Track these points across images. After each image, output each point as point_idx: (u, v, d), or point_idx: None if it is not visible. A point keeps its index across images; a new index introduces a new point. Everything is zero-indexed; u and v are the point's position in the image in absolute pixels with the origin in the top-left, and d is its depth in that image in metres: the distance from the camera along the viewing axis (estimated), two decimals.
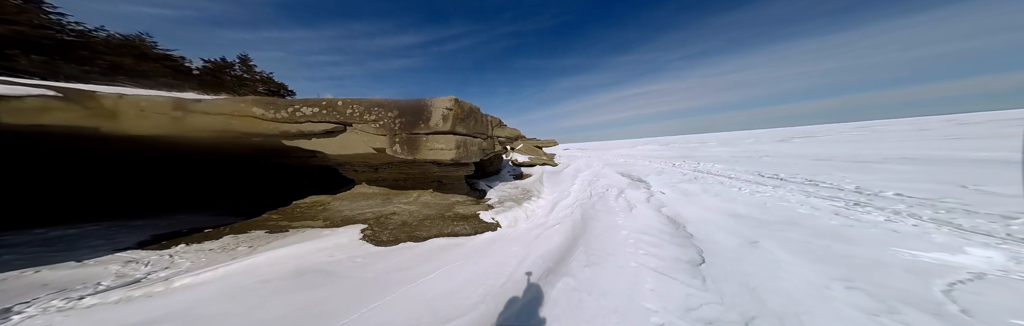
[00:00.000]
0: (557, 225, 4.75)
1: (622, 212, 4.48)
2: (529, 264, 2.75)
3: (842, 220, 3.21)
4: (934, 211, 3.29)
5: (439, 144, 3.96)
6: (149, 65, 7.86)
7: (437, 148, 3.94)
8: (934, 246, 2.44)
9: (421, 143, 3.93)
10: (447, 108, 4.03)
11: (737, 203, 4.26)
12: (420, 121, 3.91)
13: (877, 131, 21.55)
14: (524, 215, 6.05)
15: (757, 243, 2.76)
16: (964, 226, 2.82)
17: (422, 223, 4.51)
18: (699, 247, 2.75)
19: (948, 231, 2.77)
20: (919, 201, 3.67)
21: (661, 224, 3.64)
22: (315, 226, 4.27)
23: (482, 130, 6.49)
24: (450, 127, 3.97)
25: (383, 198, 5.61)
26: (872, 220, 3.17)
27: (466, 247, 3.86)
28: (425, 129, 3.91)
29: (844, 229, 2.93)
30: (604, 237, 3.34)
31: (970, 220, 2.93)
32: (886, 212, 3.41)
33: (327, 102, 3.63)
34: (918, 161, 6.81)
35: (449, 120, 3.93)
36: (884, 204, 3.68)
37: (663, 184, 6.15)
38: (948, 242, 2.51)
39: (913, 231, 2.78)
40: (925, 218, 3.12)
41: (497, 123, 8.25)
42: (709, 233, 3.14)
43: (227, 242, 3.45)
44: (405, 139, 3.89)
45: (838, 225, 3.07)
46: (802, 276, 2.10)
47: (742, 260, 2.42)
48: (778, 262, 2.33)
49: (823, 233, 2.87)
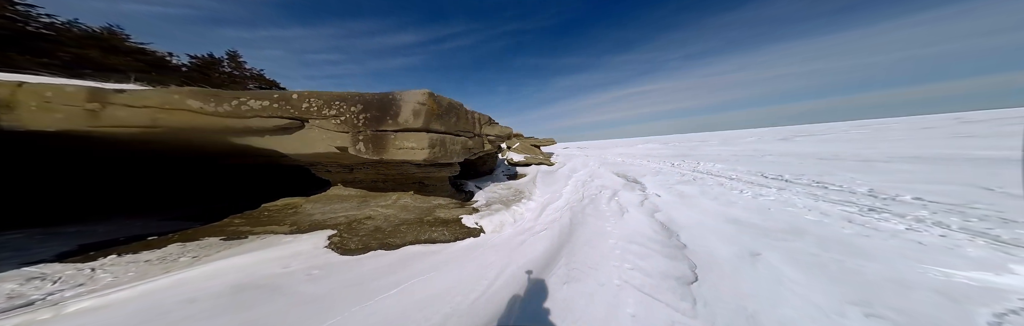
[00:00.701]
0: (544, 231, 4.42)
1: (613, 217, 4.14)
2: (507, 277, 2.45)
3: (856, 229, 2.85)
4: (964, 219, 2.91)
5: (409, 143, 3.61)
6: (118, 59, 7.56)
7: (407, 147, 3.59)
8: (971, 263, 2.08)
9: (388, 141, 3.58)
10: (419, 103, 3.66)
11: (737, 207, 3.90)
12: (388, 117, 3.56)
13: (878, 129, 21.07)
14: (511, 219, 5.71)
15: (759, 255, 2.42)
16: (1003, 238, 2.45)
17: (397, 229, 4.19)
18: (692, 260, 2.41)
19: (984, 244, 2.41)
20: (944, 207, 3.29)
21: (653, 231, 3.30)
22: (280, 232, 3.95)
23: (467, 128, 6.15)
24: (423, 124, 3.63)
25: (359, 201, 5.29)
26: (891, 229, 2.81)
27: (442, 256, 3.55)
28: (393, 126, 3.56)
29: (858, 240, 2.58)
30: (589, 246, 3.02)
31: (1010, 231, 2.54)
32: (907, 219, 3.04)
33: (280, 95, 3.29)
34: (928, 160, 6.39)
35: (421, 116, 3.59)
36: (903, 210, 3.31)
37: (659, 185, 5.80)
38: (987, 258, 2.15)
39: (941, 243, 2.42)
40: (954, 227, 2.75)
41: (487, 121, 7.89)
42: (704, 242, 2.80)
43: (170, 251, 3.13)
44: (370, 137, 3.55)
45: (851, 234, 2.71)
46: (810, 298, 1.76)
47: (740, 277, 2.08)
48: (782, 280, 1.98)
49: (834, 244, 2.52)
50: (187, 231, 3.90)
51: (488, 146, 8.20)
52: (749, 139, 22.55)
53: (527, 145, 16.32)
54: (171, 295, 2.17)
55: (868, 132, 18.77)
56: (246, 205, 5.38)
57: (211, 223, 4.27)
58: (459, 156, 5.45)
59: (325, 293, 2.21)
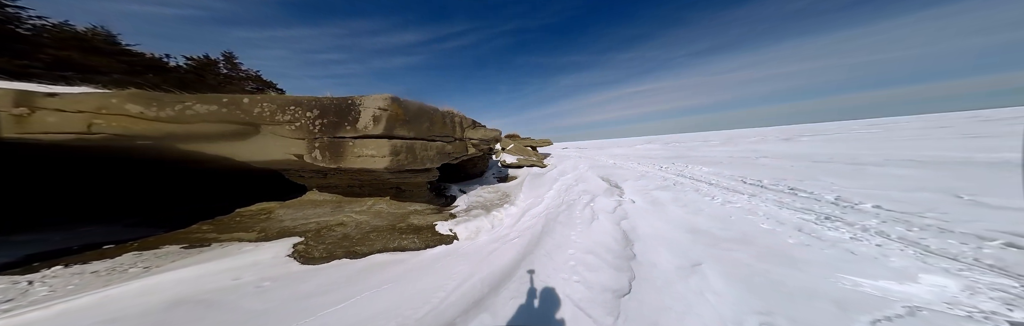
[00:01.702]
0: (516, 238, 4.61)
1: (582, 225, 4.34)
2: (463, 291, 2.59)
3: (802, 238, 3.05)
4: (907, 228, 3.11)
5: (369, 150, 3.64)
6: (100, 60, 7.71)
7: (366, 155, 3.63)
8: (887, 272, 2.28)
9: (346, 149, 3.64)
10: (380, 108, 3.66)
11: (702, 215, 4.10)
12: (346, 123, 3.59)
13: (890, 129, 21.03)
14: (489, 225, 5.93)
15: (699, 266, 2.62)
16: (931, 248, 2.65)
17: (367, 236, 4.35)
18: (634, 272, 2.61)
19: (913, 253, 2.61)
20: (896, 215, 3.49)
21: (613, 240, 3.50)
22: (246, 239, 4.12)
23: (445, 132, 6.35)
24: (384, 130, 3.64)
25: (334, 206, 5.50)
26: (835, 238, 3.01)
27: (407, 265, 3.69)
28: (352, 132, 3.57)
29: (798, 249, 2.78)
30: (548, 257, 3.20)
31: (941, 240, 2.75)
32: (855, 228, 3.24)
33: (230, 99, 3.27)
34: (922, 164, 6.51)
35: (382, 122, 3.62)
36: (856, 218, 3.51)
37: (637, 191, 6.00)
38: (905, 267, 2.35)
39: (872, 253, 2.62)
40: (893, 236, 2.95)
41: (470, 124, 8.08)
42: (654, 253, 3.00)
43: (123, 261, 3.16)
44: (327, 144, 3.59)
45: (794, 244, 2.91)
46: (720, 310, 1.97)
47: (669, 289, 2.28)
48: (705, 292, 2.19)
49: (772, 254, 2.72)
50: (149, 239, 3.98)
51: (472, 150, 8.39)
52: (752, 139, 22.68)
53: (521, 146, 16.50)
54: (92, 314, 2.10)
55: (879, 131, 18.75)
56: (219, 210, 5.55)
57: (177, 230, 4.40)
58: (435, 161, 5.64)
59: (265, 309, 2.25)
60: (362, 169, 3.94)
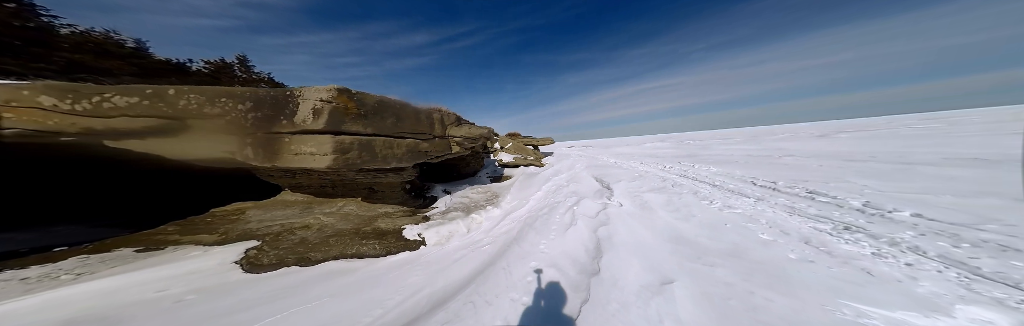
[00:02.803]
0: (488, 245, 4.29)
1: (557, 231, 3.96)
2: (408, 307, 2.34)
3: (808, 252, 2.53)
4: (953, 243, 2.52)
5: (308, 147, 3.37)
6: (112, 62, 8.19)
7: (305, 153, 3.35)
8: (909, 300, 1.78)
9: (281, 145, 3.37)
10: (322, 100, 3.37)
11: (692, 222, 3.61)
12: (282, 117, 3.31)
13: (952, 123, 19.03)
14: (465, 229, 5.64)
15: (669, 285, 2.20)
16: (984, 270, 2.09)
17: (326, 241, 4.17)
18: (590, 292, 2.22)
19: (954, 276, 2.06)
20: (942, 227, 2.86)
21: (584, 250, 3.11)
22: (204, 242, 4.03)
23: (420, 129, 6.11)
24: (326, 125, 3.34)
25: (304, 207, 5.40)
26: (850, 253, 2.47)
27: (357, 275, 3.44)
28: (289, 127, 3.30)
29: (797, 266, 2.28)
30: (506, 272, 2.85)
31: (1001, 261, 2.17)
32: (880, 241, 2.67)
33: (154, 90, 3.02)
34: (992, 163, 5.51)
35: (324, 116, 3.33)
36: (884, 230, 2.92)
37: (628, 193, 5.52)
38: (938, 294, 1.83)
39: (897, 274, 2.09)
40: (931, 253, 2.38)
41: (453, 121, 7.86)
42: (623, 267, 2.59)
43: (63, 266, 3.06)
44: (260, 140, 3.34)
45: (795, 260, 2.41)
46: None
47: (623, 316, 1.88)
48: (664, 320, 1.77)
49: (763, 272, 2.24)
50: (107, 241, 3.95)
51: (457, 148, 8.15)
52: (781, 135, 21.17)
53: (520, 145, 16.20)
54: None
55: (938, 126, 17.00)
56: (195, 209, 5.63)
57: (142, 231, 4.39)
58: (405, 160, 5.40)
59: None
60: (301, 169, 3.71)
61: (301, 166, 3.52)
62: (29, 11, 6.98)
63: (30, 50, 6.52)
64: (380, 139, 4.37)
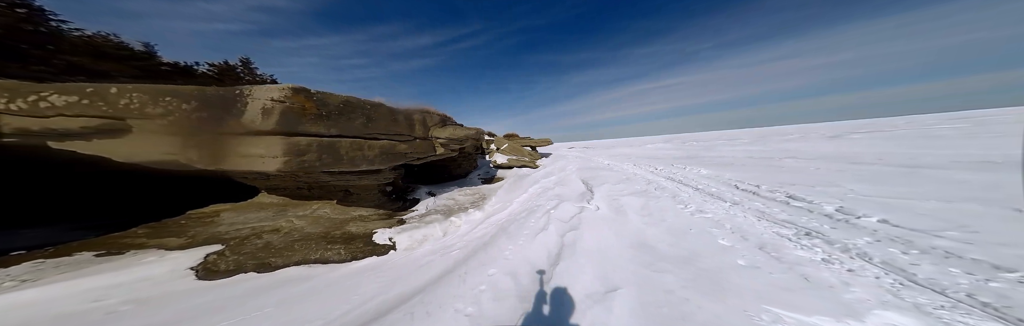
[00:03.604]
0: (458, 250, 4.43)
1: (527, 236, 4.09)
2: (350, 320, 2.37)
3: (758, 258, 2.65)
4: (904, 250, 2.62)
5: (257, 149, 3.30)
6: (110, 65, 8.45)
7: (253, 155, 3.29)
8: (832, 305, 1.89)
9: (228, 147, 3.31)
10: (273, 99, 3.29)
11: (661, 226, 3.73)
12: (229, 117, 3.22)
13: (978, 123, 18.44)
14: (440, 233, 5.81)
15: (614, 293, 2.33)
16: (919, 276, 2.19)
17: (291, 245, 4.30)
18: (531, 305, 2.32)
19: (890, 282, 2.17)
20: (901, 233, 2.96)
21: (546, 256, 3.23)
22: (169, 246, 4.14)
23: (396, 130, 6.28)
24: (276, 126, 3.28)
25: (278, 210, 5.61)
26: (799, 259, 2.58)
27: (313, 283, 3.44)
28: (237, 128, 3.23)
29: (741, 273, 2.40)
30: (461, 280, 2.96)
31: (939, 268, 2.27)
32: (834, 247, 2.78)
33: (95, 89, 2.90)
34: (1001, 167, 5.48)
35: (274, 116, 3.27)
36: (843, 236, 3.02)
37: (607, 196, 5.64)
38: (862, 300, 1.94)
39: (833, 280, 2.20)
40: (876, 260, 2.48)
41: (437, 122, 8.03)
42: (576, 275, 2.71)
43: (12, 272, 3.02)
44: (205, 141, 3.26)
45: (742, 266, 2.52)
46: None
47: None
48: None
49: (706, 278, 2.36)
50: (71, 244, 4.05)
51: (441, 150, 8.33)
52: (789, 136, 21.09)
53: (517, 146, 16.35)
54: None
55: (964, 126, 16.43)
56: (174, 211, 5.81)
57: (111, 233, 4.54)
58: (378, 162, 5.54)
59: None
60: (248, 172, 3.58)
61: (250, 169, 3.50)
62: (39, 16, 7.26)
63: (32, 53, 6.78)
64: (346, 140, 4.45)
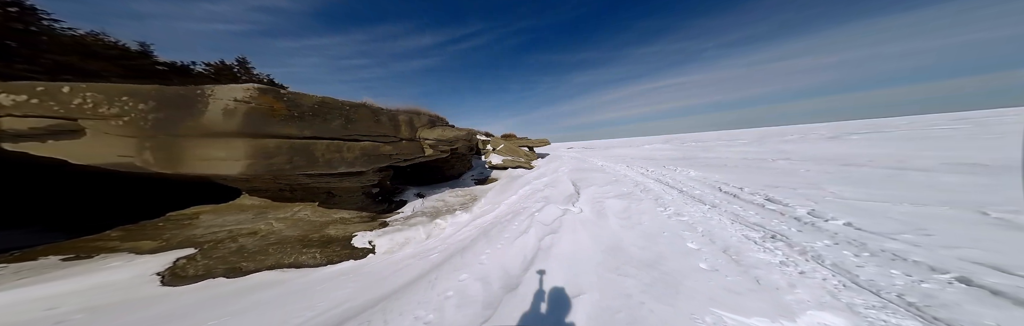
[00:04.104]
0: (437, 254, 4.55)
1: (507, 239, 4.24)
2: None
3: (719, 261, 2.82)
4: (856, 252, 2.81)
5: (218, 151, 3.16)
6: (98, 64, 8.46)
7: (214, 158, 3.13)
8: (771, 307, 2.07)
9: (186, 150, 3.14)
10: (237, 99, 3.17)
11: (635, 230, 3.90)
12: (188, 117, 3.08)
13: (983, 124, 18.41)
14: (423, 235, 5.95)
15: (578, 297, 2.48)
16: (861, 278, 2.37)
17: (266, 249, 4.33)
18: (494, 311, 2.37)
19: (834, 284, 2.35)
20: (859, 235, 3.15)
21: (521, 261, 3.34)
22: (141, 250, 4.11)
23: (380, 132, 6.38)
24: (240, 127, 3.15)
25: (258, 212, 5.71)
26: (757, 262, 2.76)
27: (283, 288, 3.40)
28: (195, 130, 3.08)
29: (699, 276, 2.57)
30: (429, 285, 3.02)
31: (881, 270, 2.46)
32: (793, 250, 2.96)
33: (46, 87, 2.80)
34: (990, 170, 5.66)
35: (238, 117, 3.15)
36: (806, 238, 3.21)
37: (592, 199, 5.81)
38: (800, 301, 2.12)
39: (782, 282, 2.38)
40: (827, 262, 2.66)
41: (424, 123, 8.15)
42: (547, 280, 2.85)
43: None
44: (161, 143, 3.10)
45: (704, 269, 2.70)
46: None
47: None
48: None
49: (665, 282, 2.53)
50: (38, 248, 3.95)
51: (429, 151, 8.46)
52: (789, 137, 21.38)
53: (513, 147, 16.50)
54: None
55: (967, 127, 16.58)
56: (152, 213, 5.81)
57: (82, 236, 4.39)
58: (359, 164, 5.57)
59: None
60: (207, 175, 3.43)
61: (210, 172, 3.37)
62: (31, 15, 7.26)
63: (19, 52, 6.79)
64: (323, 142, 4.37)
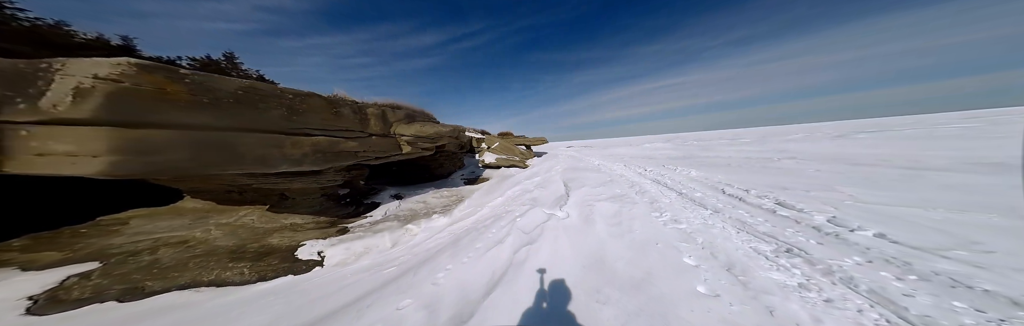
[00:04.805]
0: (394, 267, 4.02)
1: (478, 251, 3.71)
2: None
3: (720, 283, 2.30)
4: (898, 275, 2.26)
5: (62, 145, 2.43)
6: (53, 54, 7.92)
7: (55, 152, 2.41)
8: None
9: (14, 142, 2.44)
10: (99, 77, 2.45)
11: (624, 240, 3.38)
12: (19, 100, 2.38)
13: (995, 122, 17.95)
14: (389, 243, 5.41)
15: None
16: (911, 312, 1.85)
17: (185, 263, 3.71)
18: None
19: (874, 318, 1.81)
20: (900, 251, 2.59)
21: (482, 283, 2.77)
22: (38, 263, 3.51)
23: (340, 125, 5.77)
24: (95, 112, 2.41)
25: (198, 217, 5.14)
26: (769, 285, 2.23)
27: (184, 313, 2.91)
28: (28, 115, 2.38)
29: (693, 304, 2.04)
30: (357, 315, 2.53)
31: (942, 300, 1.91)
32: (815, 269, 2.43)
33: None
34: (1016, 169, 5.17)
35: (93, 99, 2.42)
36: (830, 253, 2.67)
37: (582, 202, 5.30)
38: None
39: (803, 315, 1.85)
40: (863, 288, 2.13)
41: (400, 117, 7.62)
42: (506, 309, 2.29)
43: None
44: None
45: (701, 293, 2.17)
46: None
47: None
48: None
49: (651, 312, 2.00)
50: None
51: (407, 148, 7.93)
52: (793, 136, 21.01)
53: (508, 145, 16.05)
54: None
55: (977, 125, 16.19)
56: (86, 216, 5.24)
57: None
58: (308, 162, 4.87)
59: None
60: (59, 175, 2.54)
61: (54, 172, 2.55)
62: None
63: None
64: (253, 135, 3.78)
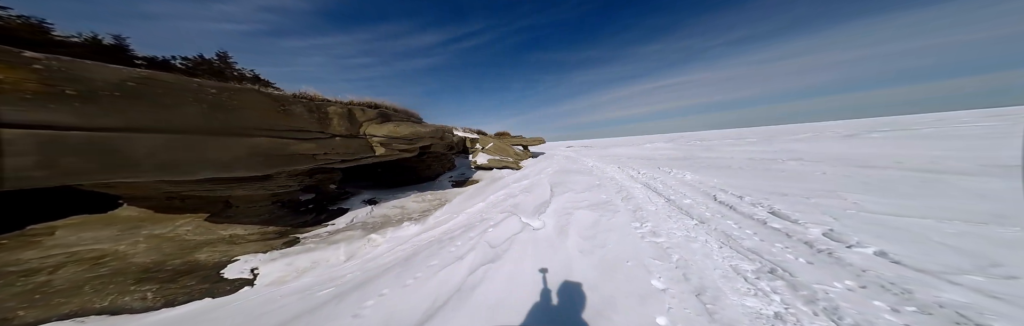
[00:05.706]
0: (331, 288, 3.73)
1: (429, 270, 3.43)
2: None
3: (685, 313, 2.03)
4: (894, 305, 1.98)
5: None
6: None
7: None
8: None
9: None
10: None
11: (594, 256, 3.12)
12: None
13: (1018, 121, 17.83)
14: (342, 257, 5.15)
15: None
16: None
17: (80, 286, 3.34)
18: None
19: None
20: (901, 274, 2.30)
21: (422, 309, 2.53)
22: None
23: (294, 125, 5.43)
24: None
25: (130, 227, 4.82)
26: (739, 316, 1.95)
27: None
28: None
29: None
30: None
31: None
32: (797, 296, 2.16)
33: None
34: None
35: None
36: (818, 276, 2.39)
37: (562, 209, 5.04)
38: None
39: None
40: (847, 322, 1.87)
41: (371, 117, 7.35)
42: None
43: None
44: None
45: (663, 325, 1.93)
46: None
47: None
48: None
49: None
50: None
51: (381, 150, 7.69)
52: (800, 136, 20.72)
53: (503, 146, 15.87)
54: None
55: (999, 125, 15.60)
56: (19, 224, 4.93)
57: None
58: (243, 167, 4.40)
59: None
60: None
61: None
62: None
63: None
64: (159, 137, 3.37)
